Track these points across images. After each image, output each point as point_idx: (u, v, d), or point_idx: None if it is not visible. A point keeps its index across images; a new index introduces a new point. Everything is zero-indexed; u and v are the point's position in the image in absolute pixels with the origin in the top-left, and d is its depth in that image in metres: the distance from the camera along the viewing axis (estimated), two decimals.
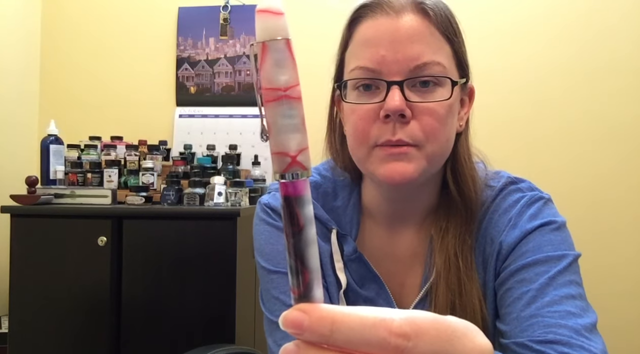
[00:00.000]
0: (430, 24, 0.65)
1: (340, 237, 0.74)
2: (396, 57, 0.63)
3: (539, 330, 0.58)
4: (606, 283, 1.92)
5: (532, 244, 0.66)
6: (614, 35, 1.97)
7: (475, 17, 2.02)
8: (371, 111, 0.64)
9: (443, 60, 0.65)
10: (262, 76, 0.28)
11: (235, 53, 2.16)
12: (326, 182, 0.77)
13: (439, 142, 0.65)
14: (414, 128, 0.63)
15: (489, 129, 1.99)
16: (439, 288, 0.67)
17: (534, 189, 0.72)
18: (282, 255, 0.74)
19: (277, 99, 0.28)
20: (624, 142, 1.96)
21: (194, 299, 1.54)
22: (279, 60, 0.28)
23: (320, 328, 0.27)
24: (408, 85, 0.63)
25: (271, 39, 0.28)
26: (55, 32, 2.25)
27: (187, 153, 1.97)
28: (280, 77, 0.28)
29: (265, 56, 0.28)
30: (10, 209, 1.59)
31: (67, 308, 1.57)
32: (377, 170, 0.65)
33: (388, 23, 0.64)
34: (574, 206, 1.95)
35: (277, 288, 0.73)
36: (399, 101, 0.62)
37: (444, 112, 0.64)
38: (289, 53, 0.28)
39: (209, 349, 1.18)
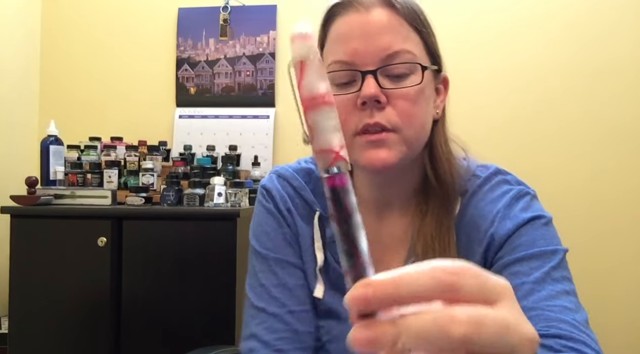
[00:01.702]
0: (399, 16, 0.69)
1: (323, 219, 0.78)
2: (368, 49, 0.68)
3: (540, 323, 0.59)
4: (605, 284, 1.92)
5: (525, 237, 0.68)
6: (614, 35, 1.97)
7: (474, 16, 2.03)
8: (349, 101, 0.68)
9: (413, 48, 0.69)
10: (303, 88, 0.33)
11: (235, 54, 2.16)
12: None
13: (414, 126, 0.69)
14: (390, 113, 0.68)
15: (489, 128, 2.00)
16: None
17: (520, 183, 0.75)
18: (268, 237, 0.79)
19: (318, 105, 0.33)
20: (624, 142, 1.96)
21: (193, 299, 1.54)
22: (316, 74, 0.33)
23: (385, 290, 0.29)
24: (381, 74, 0.68)
25: (307, 57, 0.33)
26: (55, 32, 2.25)
27: (187, 154, 1.97)
28: (319, 87, 0.33)
29: (304, 72, 0.33)
30: (10, 210, 1.59)
31: (67, 308, 1.57)
32: (360, 157, 0.69)
33: (359, 18, 0.69)
34: (573, 205, 1.95)
35: (263, 272, 0.78)
36: (374, 88, 0.66)
37: (417, 96, 0.69)
38: (321, 67, 0.34)
39: (209, 350, 1.18)
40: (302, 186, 0.80)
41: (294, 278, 0.77)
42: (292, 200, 0.80)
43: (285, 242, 0.79)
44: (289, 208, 0.79)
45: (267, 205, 0.81)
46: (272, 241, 0.79)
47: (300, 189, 0.80)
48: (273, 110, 2.11)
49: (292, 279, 0.77)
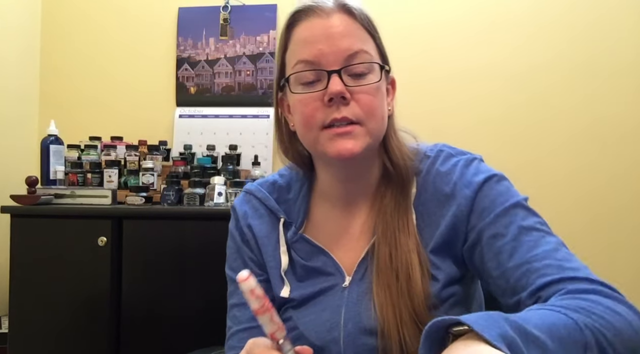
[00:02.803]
0: (356, 21, 0.77)
1: (287, 224, 0.85)
2: (332, 49, 0.74)
3: (532, 276, 0.66)
4: None
5: (487, 199, 0.75)
6: (611, 32, 1.97)
7: (471, 13, 2.03)
8: (316, 98, 0.75)
9: (370, 50, 0.77)
10: (252, 304, 0.54)
11: (235, 53, 2.16)
12: (283, 179, 0.90)
13: (377, 118, 0.76)
14: (354, 107, 0.74)
15: (484, 122, 2.00)
16: (380, 244, 0.77)
17: (465, 153, 0.82)
18: (231, 258, 0.89)
19: (261, 314, 0.54)
20: (624, 142, 1.96)
21: (194, 299, 1.54)
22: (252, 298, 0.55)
23: None
24: (345, 73, 0.74)
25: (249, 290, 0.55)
26: (55, 32, 2.25)
27: (187, 153, 1.97)
28: (255, 304, 0.53)
29: (249, 297, 0.55)
30: (10, 209, 1.59)
31: (67, 308, 1.57)
32: (327, 149, 0.75)
33: (322, 23, 0.75)
34: (573, 205, 1.95)
35: (229, 293, 0.88)
36: (340, 85, 0.73)
37: (376, 92, 0.76)
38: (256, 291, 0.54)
39: (209, 350, 1.18)
40: (265, 196, 0.88)
41: None
42: (257, 211, 0.87)
43: (243, 264, 0.87)
44: (249, 224, 0.87)
45: (231, 226, 0.90)
46: (234, 262, 0.88)
47: (264, 199, 0.87)
48: (273, 110, 2.10)
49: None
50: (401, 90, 0.85)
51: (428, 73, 2.03)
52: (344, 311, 0.76)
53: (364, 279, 0.78)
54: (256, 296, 0.54)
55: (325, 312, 0.78)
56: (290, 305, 0.82)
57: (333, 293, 0.79)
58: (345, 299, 0.77)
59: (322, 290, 0.80)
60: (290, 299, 0.82)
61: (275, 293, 0.83)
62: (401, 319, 0.71)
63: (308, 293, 0.80)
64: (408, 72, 1.76)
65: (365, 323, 0.74)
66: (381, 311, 0.72)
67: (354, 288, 0.78)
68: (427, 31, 2.04)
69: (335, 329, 0.76)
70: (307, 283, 0.81)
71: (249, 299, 0.54)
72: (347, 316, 0.76)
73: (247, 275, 0.54)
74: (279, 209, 0.86)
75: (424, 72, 2.03)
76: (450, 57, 2.03)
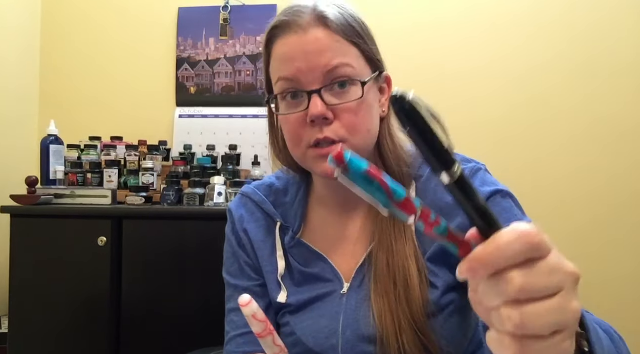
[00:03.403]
0: (333, 34, 0.74)
1: (284, 229, 0.85)
2: (309, 67, 0.72)
3: None
4: (608, 287, 1.92)
5: None
6: (613, 35, 1.97)
7: (471, 13, 2.03)
8: (300, 118, 0.74)
9: (351, 61, 0.74)
10: (254, 326, 0.57)
11: (235, 53, 2.16)
12: (280, 182, 0.89)
13: (361, 134, 0.75)
14: (337, 127, 0.73)
15: (482, 123, 2.00)
16: (378, 251, 0.76)
17: (470, 161, 0.80)
18: (229, 262, 0.88)
19: (263, 337, 0.54)
20: (624, 142, 1.96)
21: (193, 299, 1.54)
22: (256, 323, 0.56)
23: (489, 263, 0.37)
24: (326, 90, 0.73)
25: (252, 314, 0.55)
26: (55, 32, 2.25)
27: (187, 153, 1.97)
28: (258, 327, 0.55)
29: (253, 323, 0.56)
30: (10, 209, 1.59)
31: (67, 308, 1.57)
32: (314, 168, 0.76)
33: (298, 40, 0.73)
34: (573, 205, 1.95)
35: (227, 297, 0.87)
36: (320, 107, 0.72)
37: (360, 108, 0.74)
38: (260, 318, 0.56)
39: (209, 350, 1.18)
40: (262, 200, 0.87)
41: None
42: (253, 215, 0.86)
43: (239, 269, 0.86)
44: (245, 228, 0.86)
45: (227, 229, 0.89)
46: (231, 267, 0.87)
47: (261, 203, 0.87)
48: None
49: None
50: None
51: (428, 73, 2.03)
52: (342, 319, 0.76)
53: (362, 286, 0.77)
54: (258, 320, 0.54)
55: (323, 318, 0.77)
56: (288, 310, 0.81)
57: (331, 300, 0.78)
58: (344, 307, 0.77)
59: (320, 296, 0.79)
60: (287, 305, 0.81)
61: (272, 298, 0.83)
62: (400, 327, 0.70)
63: (305, 299, 0.80)
64: (407, 72, 1.76)
65: (364, 331, 0.74)
66: (380, 319, 0.72)
67: (353, 295, 0.77)
68: (427, 31, 2.04)
69: (334, 337, 0.75)
70: (304, 289, 0.81)
71: (251, 323, 0.54)
72: (345, 323, 0.76)
73: (249, 300, 0.54)
74: (275, 213, 0.85)
75: (423, 72, 2.03)
76: (450, 57, 2.03)
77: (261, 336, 0.55)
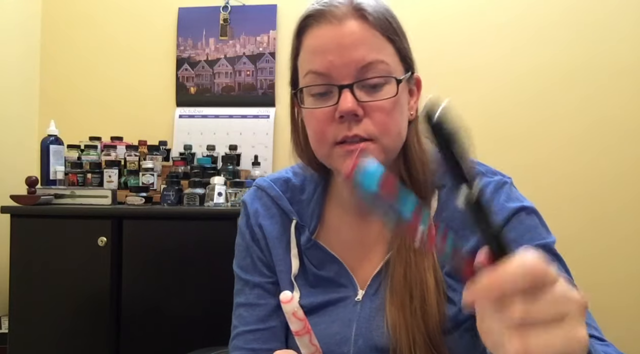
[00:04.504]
0: (371, 27, 0.70)
1: (299, 227, 0.81)
2: (343, 61, 0.69)
3: None
4: (607, 288, 1.92)
5: (514, 233, 0.71)
6: (613, 36, 1.97)
7: (471, 13, 2.03)
8: (327, 113, 0.70)
9: (386, 58, 0.71)
10: (292, 324, 0.54)
11: (235, 53, 2.16)
12: (297, 178, 0.85)
13: (391, 135, 0.71)
14: (367, 124, 0.69)
15: (487, 128, 2.00)
16: (395, 261, 0.74)
17: (496, 173, 0.78)
18: (240, 256, 0.85)
19: (301, 335, 0.52)
20: (624, 143, 1.96)
21: (193, 299, 1.54)
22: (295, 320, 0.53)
23: (493, 292, 0.39)
24: (357, 86, 0.69)
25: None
26: (55, 32, 2.25)
27: (187, 153, 1.97)
28: (297, 326, 0.52)
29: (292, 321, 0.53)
30: (10, 210, 1.59)
31: (67, 307, 1.57)
32: (339, 167, 0.72)
33: (332, 31, 0.70)
34: (573, 205, 1.95)
35: (237, 291, 0.85)
36: (351, 103, 0.68)
37: (392, 108, 0.70)
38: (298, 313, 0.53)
39: (209, 350, 1.18)
40: (279, 195, 0.83)
41: (258, 297, 0.81)
42: (269, 210, 0.83)
43: (252, 263, 0.83)
44: (260, 224, 0.82)
45: (240, 222, 0.85)
46: (243, 260, 0.84)
47: (277, 198, 0.83)
48: (273, 110, 2.10)
49: (256, 299, 0.81)
50: None
51: (427, 73, 2.02)
52: (355, 326, 0.74)
53: (377, 294, 0.75)
54: (297, 318, 0.53)
55: (335, 324, 0.75)
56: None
57: (344, 305, 0.76)
58: (357, 314, 0.75)
59: (333, 301, 0.77)
60: (299, 306, 0.79)
61: None
62: (414, 342, 0.68)
63: (318, 302, 0.77)
64: None
65: (377, 341, 0.72)
66: (394, 332, 0.70)
67: (367, 303, 0.75)
68: (427, 31, 2.04)
69: (345, 344, 0.74)
70: (318, 291, 0.78)
71: (290, 320, 0.52)
72: (358, 331, 0.74)
73: (290, 297, 0.52)
74: (291, 211, 0.82)
75: (423, 72, 2.01)
76: (450, 57, 2.03)
77: (299, 334, 0.53)
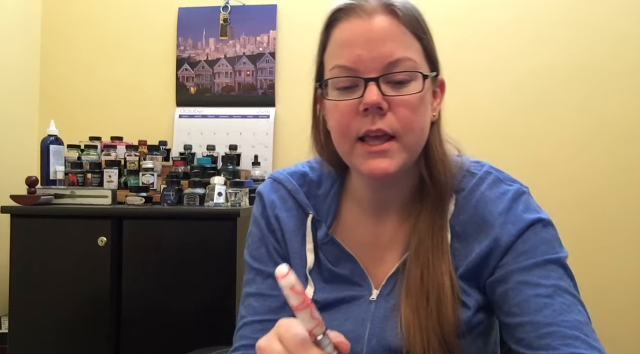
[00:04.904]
0: (400, 24, 0.70)
1: (316, 222, 0.80)
2: (371, 56, 0.69)
3: (557, 341, 0.64)
4: (607, 288, 1.92)
5: (529, 243, 0.71)
6: (613, 36, 1.97)
7: (471, 13, 2.03)
8: (351, 106, 0.70)
9: (413, 56, 0.71)
10: (291, 298, 0.50)
11: (235, 53, 2.16)
12: (313, 173, 0.85)
13: (415, 132, 0.71)
14: (391, 119, 0.69)
15: (487, 128, 2.00)
16: (411, 263, 0.73)
17: (514, 181, 0.77)
18: (253, 246, 0.83)
19: (301, 309, 0.51)
20: (624, 143, 1.96)
21: (193, 299, 1.54)
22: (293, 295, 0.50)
23: None
24: (383, 81, 0.69)
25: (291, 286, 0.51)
26: (55, 32, 2.25)
27: (187, 153, 1.97)
28: (295, 301, 0.50)
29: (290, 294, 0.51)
30: (10, 209, 1.59)
31: (67, 307, 1.57)
32: (361, 165, 0.71)
33: (362, 25, 0.70)
34: (573, 205, 1.95)
35: (247, 281, 0.83)
36: (376, 95, 0.68)
37: (417, 104, 0.70)
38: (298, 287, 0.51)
39: (209, 350, 1.18)
40: (295, 189, 0.82)
41: (271, 288, 0.79)
42: (285, 203, 0.82)
43: (266, 253, 0.82)
44: (277, 215, 0.81)
45: (256, 212, 0.84)
46: (256, 250, 0.83)
47: (294, 192, 0.82)
48: (273, 109, 2.10)
49: (269, 289, 0.79)
50: None
51: None
52: (369, 326, 0.74)
53: (391, 294, 0.75)
54: (296, 292, 0.49)
55: (349, 322, 0.75)
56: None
57: (358, 304, 0.76)
58: (372, 314, 0.75)
59: (348, 298, 0.76)
60: (313, 301, 0.77)
61: None
62: (429, 345, 0.68)
63: (332, 298, 0.77)
64: None
65: (390, 341, 0.72)
66: (408, 333, 0.70)
67: (381, 302, 0.75)
68: None
69: (358, 343, 0.73)
70: (332, 287, 0.78)
71: (288, 296, 0.50)
72: (371, 331, 0.74)
73: (287, 271, 0.50)
74: (308, 205, 0.81)
75: None
76: (450, 57, 2.02)
77: (298, 309, 0.51)
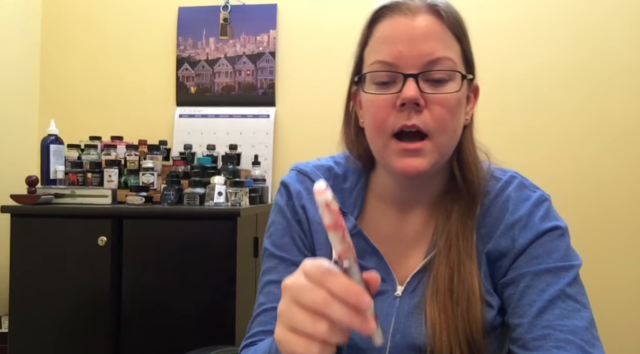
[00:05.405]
0: (443, 24, 0.72)
1: (342, 214, 0.79)
2: (412, 53, 0.70)
3: (550, 343, 0.65)
4: (607, 288, 1.92)
5: (542, 249, 0.72)
6: (613, 36, 1.97)
7: (471, 13, 2.02)
8: (389, 101, 0.71)
9: (453, 56, 0.72)
10: (326, 217, 0.49)
11: (235, 53, 2.16)
12: (339, 167, 0.85)
13: (447, 133, 0.71)
14: (427, 117, 0.70)
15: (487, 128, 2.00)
16: (440, 263, 0.74)
17: (537, 188, 0.79)
18: (277, 235, 0.82)
19: (334, 230, 0.50)
20: (624, 143, 1.96)
21: (193, 299, 1.54)
22: (329, 215, 0.50)
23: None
24: (422, 78, 0.70)
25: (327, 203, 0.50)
26: (55, 32, 2.25)
27: (187, 153, 1.97)
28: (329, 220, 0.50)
29: (326, 212, 0.49)
30: (10, 209, 1.59)
31: (67, 307, 1.57)
32: (394, 163, 0.72)
33: (405, 22, 0.71)
34: (573, 205, 1.95)
35: (268, 269, 0.82)
36: (414, 91, 0.68)
37: (454, 104, 0.71)
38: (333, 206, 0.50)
39: (209, 350, 1.18)
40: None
41: None
42: (311, 194, 0.81)
43: (292, 242, 0.81)
44: (303, 205, 0.81)
45: (281, 201, 0.84)
46: (280, 239, 0.82)
47: None
48: (273, 109, 2.10)
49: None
50: None
51: None
52: (393, 321, 0.75)
53: (416, 291, 0.75)
54: (331, 211, 0.48)
55: None
56: None
57: (383, 299, 0.76)
58: (396, 309, 0.75)
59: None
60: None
61: None
62: (456, 343, 0.69)
63: None
64: None
65: (415, 338, 0.73)
66: (433, 331, 0.71)
67: (406, 299, 0.76)
68: None
69: (382, 338, 0.75)
70: None
71: (323, 213, 0.48)
72: (396, 326, 0.74)
73: (325, 187, 0.48)
74: (334, 197, 0.82)
75: None
76: None
77: (330, 228, 0.48)
